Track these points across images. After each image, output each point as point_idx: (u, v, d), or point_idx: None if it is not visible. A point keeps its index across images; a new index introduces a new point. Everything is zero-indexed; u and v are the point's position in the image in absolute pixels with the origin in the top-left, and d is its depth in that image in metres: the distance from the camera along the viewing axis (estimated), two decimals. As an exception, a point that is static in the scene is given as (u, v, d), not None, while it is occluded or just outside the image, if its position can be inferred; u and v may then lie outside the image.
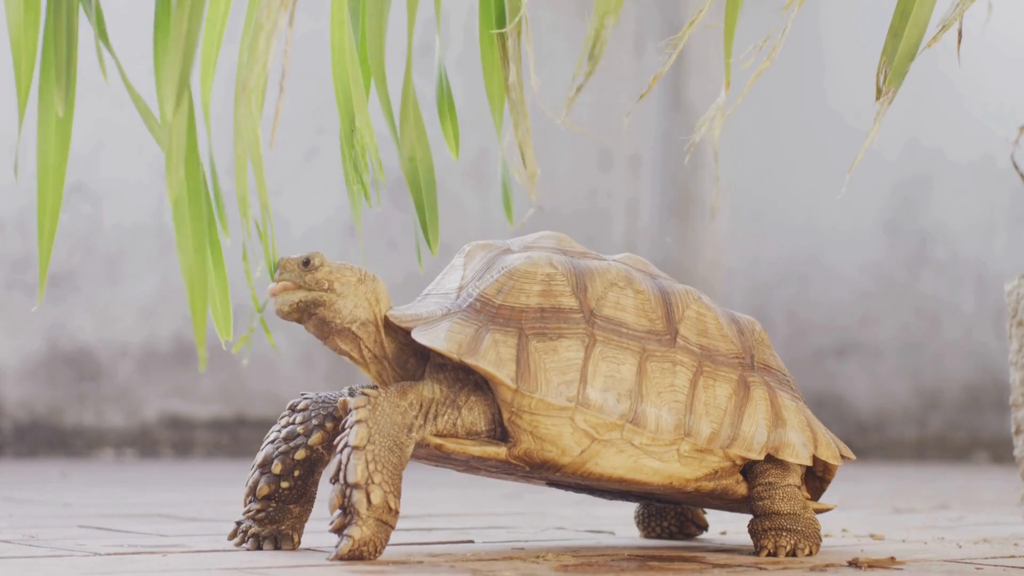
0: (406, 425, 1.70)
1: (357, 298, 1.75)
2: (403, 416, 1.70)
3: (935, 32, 1.70)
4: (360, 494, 1.63)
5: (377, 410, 1.67)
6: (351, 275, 1.74)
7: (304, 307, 1.72)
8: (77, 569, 1.56)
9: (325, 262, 1.73)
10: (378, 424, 1.67)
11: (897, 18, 1.70)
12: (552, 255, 1.80)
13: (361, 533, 1.63)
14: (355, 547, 1.63)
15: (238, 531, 1.79)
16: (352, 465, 1.64)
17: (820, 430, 1.88)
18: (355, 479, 1.63)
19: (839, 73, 5.76)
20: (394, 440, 1.67)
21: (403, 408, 1.70)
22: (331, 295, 1.73)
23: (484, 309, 1.75)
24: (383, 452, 1.66)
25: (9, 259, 5.09)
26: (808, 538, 1.82)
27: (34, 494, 3.03)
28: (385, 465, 1.65)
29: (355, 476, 1.64)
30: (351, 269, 1.75)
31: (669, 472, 1.80)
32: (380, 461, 1.65)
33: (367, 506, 1.63)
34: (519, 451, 1.75)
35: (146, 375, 5.25)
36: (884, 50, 1.70)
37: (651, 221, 6.07)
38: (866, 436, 5.57)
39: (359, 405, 1.67)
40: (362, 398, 1.68)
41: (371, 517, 1.63)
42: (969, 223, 5.51)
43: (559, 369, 1.72)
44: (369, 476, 1.64)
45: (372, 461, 1.65)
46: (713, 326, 1.84)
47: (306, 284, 1.72)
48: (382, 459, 1.65)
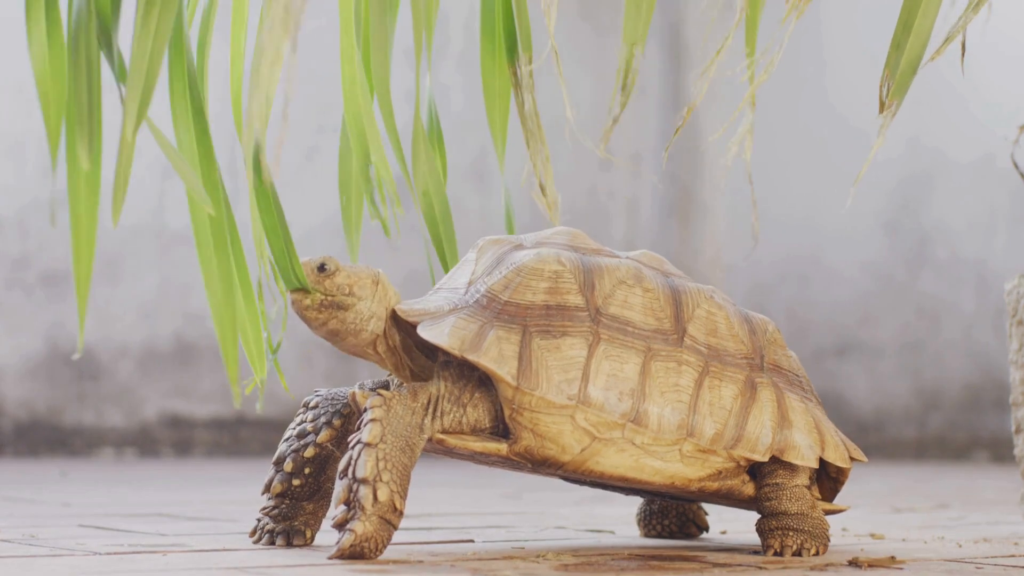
0: (417, 424, 1.70)
1: (375, 298, 1.75)
2: (414, 416, 1.70)
3: (939, 45, 1.70)
4: (367, 490, 1.63)
5: (391, 411, 1.68)
6: (367, 277, 1.74)
7: (327, 306, 1.72)
8: (77, 569, 1.56)
9: (339, 266, 1.73)
10: (392, 424, 1.67)
11: (900, 30, 1.70)
12: (562, 252, 1.79)
13: (364, 528, 1.63)
14: (356, 542, 1.63)
15: (256, 528, 1.82)
16: (362, 461, 1.64)
17: (828, 432, 1.86)
18: (364, 474, 1.64)
19: (839, 72, 5.75)
20: (406, 440, 1.68)
21: (415, 408, 1.71)
22: (352, 299, 1.73)
23: (490, 305, 1.75)
24: (394, 452, 1.66)
25: (9, 259, 5.09)
26: (815, 538, 1.81)
27: (34, 493, 3.03)
28: (395, 465, 1.66)
29: (364, 472, 1.64)
30: (365, 270, 1.75)
31: (671, 472, 1.79)
32: (390, 460, 1.66)
33: (373, 502, 1.63)
34: (519, 448, 1.75)
35: (146, 375, 5.25)
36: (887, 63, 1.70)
37: (651, 221, 6.07)
38: (866, 435, 5.57)
39: (375, 405, 1.68)
40: (377, 399, 1.68)
41: (375, 514, 1.63)
42: (969, 222, 5.51)
43: (561, 367, 1.72)
44: (378, 473, 1.64)
45: (383, 459, 1.65)
46: (723, 326, 1.83)
47: (326, 290, 1.72)
48: (393, 459, 1.66)
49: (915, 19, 1.69)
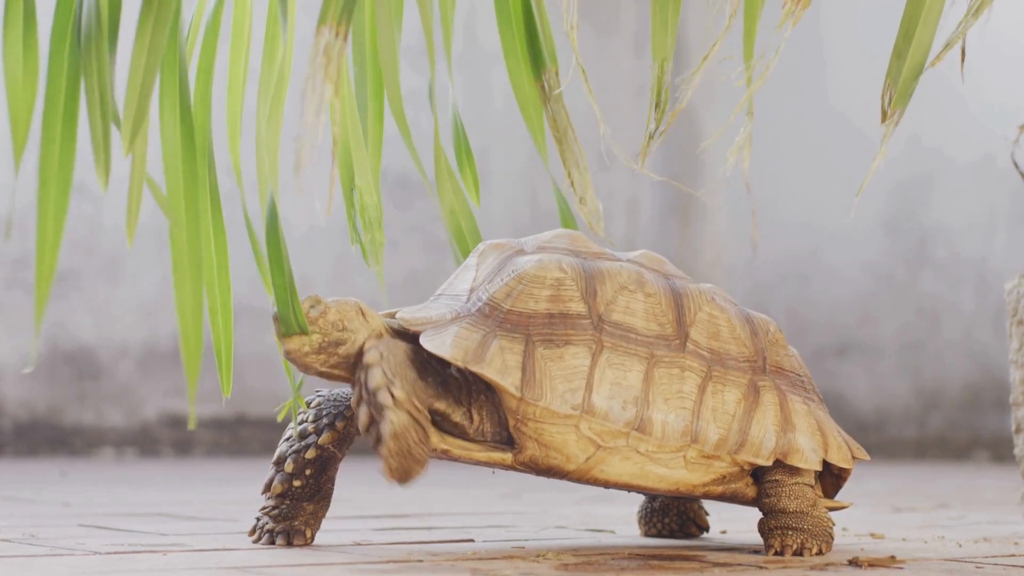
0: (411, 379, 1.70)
1: (363, 327, 1.75)
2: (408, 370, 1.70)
3: (939, 51, 1.70)
4: (384, 393, 1.65)
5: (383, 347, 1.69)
6: (351, 308, 1.74)
7: (326, 346, 1.72)
8: (77, 568, 1.56)
9: (327, 303, 1.72)
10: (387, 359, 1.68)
11: (901, 39, 1.70)
12: (563, 258, 1.79)
13: (398, 418, 1.64)
14: (397, 431, 1.64)
15: (256, 527, 1.82)
16: (371, 375, 1.66)
17: (831, 432, 1.86)
18: (375, 384, 1.65)
19: (839, 71, 5.75)
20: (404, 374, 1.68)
21: (407, 364, 1.71)
22: (346, 333, 1.73)
23: (493, 314, 1.74)
24: (400, 368, 1.68)
25: (9, 258, 5.09)
26: (816, 537, 1.81)
27: (34, 493, 3.03)
28: (403, 379, 1.67)
29: (375, 382, 1.65)
30: (348, 303, 1.75)
31: (676, 478, 1.79)
32: (398, 375, 1.67)
33: (392, 400, 1.65)
34: (524, 457, 1.75)
35: (146, 374, 5.25)
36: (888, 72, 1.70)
37: (651, 221, 6.07)
38: (866, 435, 5.57)
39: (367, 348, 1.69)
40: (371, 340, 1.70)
41: (400, 408, 1.64)
42: (969, 222, 5.51)
43: (565, 377, 1.72)
44: (389, 380, 1.66)
45: (389, 372, 1.66)
46: (725, 328, 1.83)
47: (321, 330, 1.72)
48: (398, 371, 1.67)
49: (916, 28, 1.69)
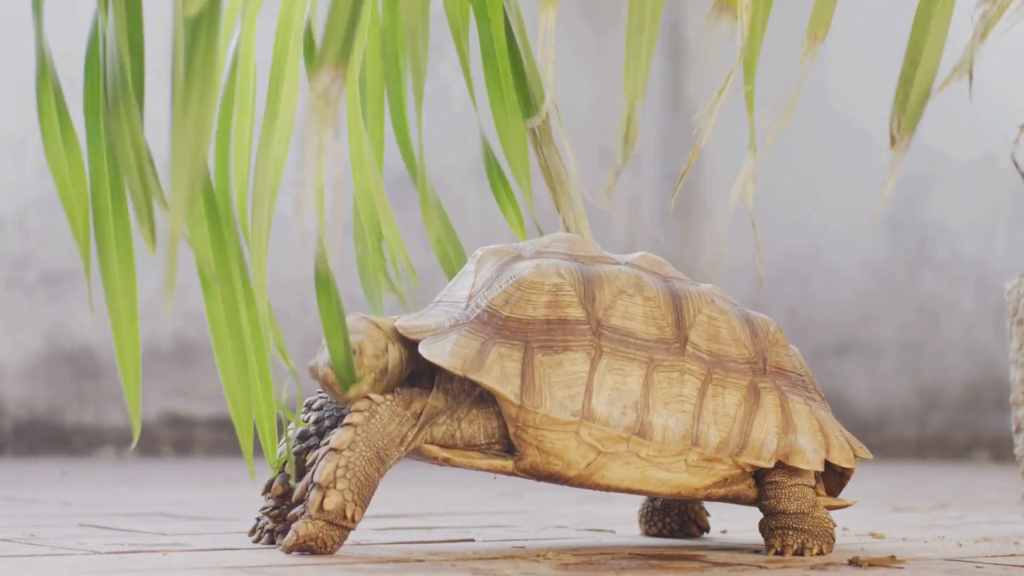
0: (400, 435, 1.70)
1: (382, 337, 1.74)
2: (400, 426, 1.70)
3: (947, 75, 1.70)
4: (318, 495, 1.65)
5: (373, 418, 1.69)
6: (373, 330, 1.73)
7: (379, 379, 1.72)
8: (77, 568, 1.56)
9: (359, 344, 1.71)
10: (368, 433, 1.68)
11: (908, 66, 1.70)
12: (561, 263, 1.78)
13: (305, 530, 1.65)
14: (298, 541, 1.65)
15: (256, 527, 1.82)
16: (322, 465, 1.66)
17: (833, 433, 1.85)
18: (319, 479, 1.66)
19: (841, 71, 5.75)
20: (378, 452, 1.68)
21: (404, 417, 1.71)
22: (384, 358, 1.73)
23: (491, 321, 1.74)
24: (360, 461, 1.67)
25: (9, 258, 5.09)
26: (816, 537, 1.80)
27: (34, 493, 3.03)
28: (356, 474, 1.67)
29: (319, 476, 1.66)
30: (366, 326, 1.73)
31: (677, 482, 1.79)
32: (352, 469, 1.66)
33: (318, 508, 1.65)
34: (525, 464, 1.75)
35: (146, 374, 5.24)
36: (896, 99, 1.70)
37: (651, 221, 6.07)
38: (866, 435, 5.57)
39: (358, 409, 1.69)
40: (364, 403, 1.69)
41: (320, 519, 1.65)
42: (970, 222, 5.51)
43: (564, 383, 1.71)
44: (334, 480, 1.65)
45: (343, 467, 1.66)
46: (725, 330, 1.82)
47: (369, 368, 1.72)
48: (356, 468, 1.67)
49: (921, 55, 1.69)
